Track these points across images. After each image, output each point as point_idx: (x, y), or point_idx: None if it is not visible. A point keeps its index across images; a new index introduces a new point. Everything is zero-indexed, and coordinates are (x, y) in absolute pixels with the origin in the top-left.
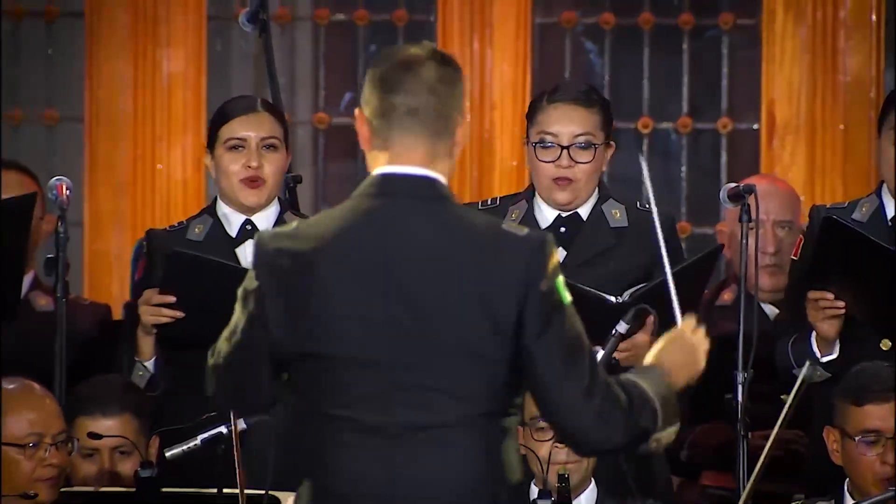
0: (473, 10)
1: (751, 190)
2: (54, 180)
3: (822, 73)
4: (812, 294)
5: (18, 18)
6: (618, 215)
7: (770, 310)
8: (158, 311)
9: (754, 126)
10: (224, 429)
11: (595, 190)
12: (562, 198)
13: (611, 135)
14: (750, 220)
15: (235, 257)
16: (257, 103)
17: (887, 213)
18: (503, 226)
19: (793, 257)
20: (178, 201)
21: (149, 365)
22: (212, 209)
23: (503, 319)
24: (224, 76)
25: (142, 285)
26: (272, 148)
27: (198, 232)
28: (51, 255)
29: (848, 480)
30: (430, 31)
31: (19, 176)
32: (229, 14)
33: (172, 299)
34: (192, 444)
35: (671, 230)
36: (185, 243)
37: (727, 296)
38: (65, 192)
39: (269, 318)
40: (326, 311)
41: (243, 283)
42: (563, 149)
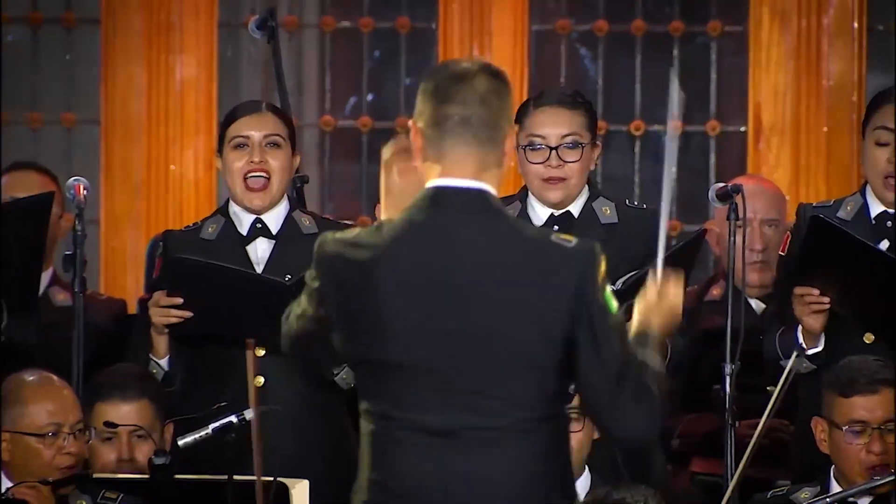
0: (473, 17)
1: (738, 190)
2: (72, 180)
3: (806, 77)
4: (798, 290)
5: (38, 26)
6: (608, 212)
7: (757, 305)
8: (167, 312)
9: (741, 129)
10: (234, 418)
11: (585, 188)
12: (554, 197)
13: (597, 135)
14: (737, 218)
15: (246, 254)
16: (262, 105)
17: (871, 212)
18: (552, 237)
19: (780, 253)
20: (191, 201)
21: (163, 363)
22: (224, 209)
23: (555, 328)
24: (234, 81)
25: (157, 284)
26: (275, 145)
27: (211, 231)
28: (69, 252)
29: (833, 467)
30: (431, 38)
31: (39, 176)
32: (239, 21)
33: (180, 301)
34: (203, 433)
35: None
36: (199, 242)
37: (716, 291)
38: (82, 191)
39: (331, 319)
40: (386, 320)
41: (306, 275)
42: (552, 150)
